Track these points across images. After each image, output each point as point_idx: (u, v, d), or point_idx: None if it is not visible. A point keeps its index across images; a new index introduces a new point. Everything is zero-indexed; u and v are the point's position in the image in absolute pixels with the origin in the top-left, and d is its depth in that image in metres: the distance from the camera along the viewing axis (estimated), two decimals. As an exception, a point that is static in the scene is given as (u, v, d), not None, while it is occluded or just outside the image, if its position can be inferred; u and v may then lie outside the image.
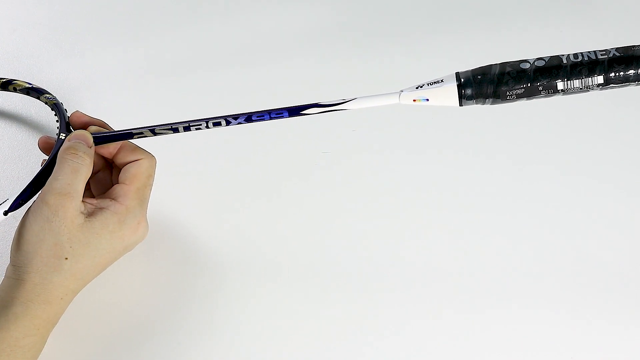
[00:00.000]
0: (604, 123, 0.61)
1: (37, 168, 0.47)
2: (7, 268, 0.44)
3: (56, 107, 0.51)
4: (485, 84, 0.41)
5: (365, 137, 0.59)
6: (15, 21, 0.69)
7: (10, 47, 0.66)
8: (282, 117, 0.45)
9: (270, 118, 0.45)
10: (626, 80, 0.40)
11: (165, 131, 0.46)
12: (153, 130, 0.46)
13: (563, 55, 0.41)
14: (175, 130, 0.46)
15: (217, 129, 0.45)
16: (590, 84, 0.40)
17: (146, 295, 0.49)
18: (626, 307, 0.49)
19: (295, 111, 0.44)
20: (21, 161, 0.57)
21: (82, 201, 0.45)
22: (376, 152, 0.58)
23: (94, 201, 0.46)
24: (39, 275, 0.42)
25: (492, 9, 0.70)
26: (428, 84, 0.43)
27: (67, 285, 0.44)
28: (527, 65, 0.41)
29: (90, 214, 0.44)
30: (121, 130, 0.47)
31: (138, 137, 0.46)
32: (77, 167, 0.44)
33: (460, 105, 0.42)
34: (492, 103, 0.42)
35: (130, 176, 0.46)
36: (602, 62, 0.40)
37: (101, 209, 0.45)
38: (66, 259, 0.43)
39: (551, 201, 0.55)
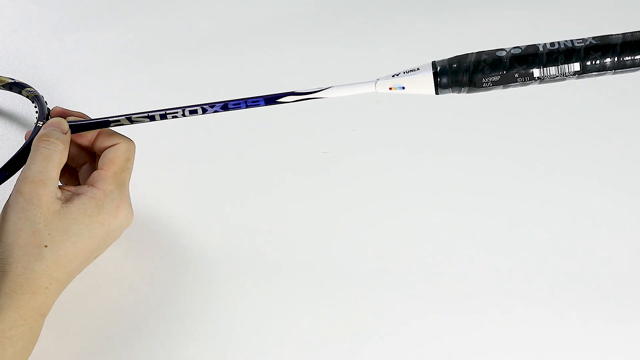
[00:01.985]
0: (605, 120, 0.60)
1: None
2: None
3: (37, 99, 0.52)
4: (461, 72, 0.41)
5: (365, 136, 0.59)
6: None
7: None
8: (258, 105, 0.44)
9: (247, 106, 0.45)
10: (603, 69, 0.40)
11: (142, 119, 0.46)
12: (130, 118, 0.46)
13: (540, 44, 0.41)
14: (152, 119, 0.46)
15: (195, 117, 0.45)
16: (567, 71, 0.40)
17: (141, 290, 0.49)
18: (626, 307, 0.48)
19: (271, 99, 0.44)
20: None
21: (60, 188, 0.44)
22: (376, 151, 0.58)
23: (71, 188, 0.45)
24: (21, 265, 0.42)
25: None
26: (404, 72, 0.43)
27: (51, 274, 0.43)
28: (504, 54, 0.41)
29: (67, 200, 0.44)
30: (98, 119, 0.47)
31: (115, 125, 0.46)
32: (50, 154, 0.44)
33: (437, 93, 0.42)
34: (469, 92, 0.41)
35: (107, 161, 0.46)
36: (578, 49, 0.40)
37: (78, 194, 0.45)
38: (46, 246, 0.43)
39: (552, 201, 0.54)
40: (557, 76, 0.40)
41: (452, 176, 0.56)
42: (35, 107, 0.51)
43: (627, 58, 0.39)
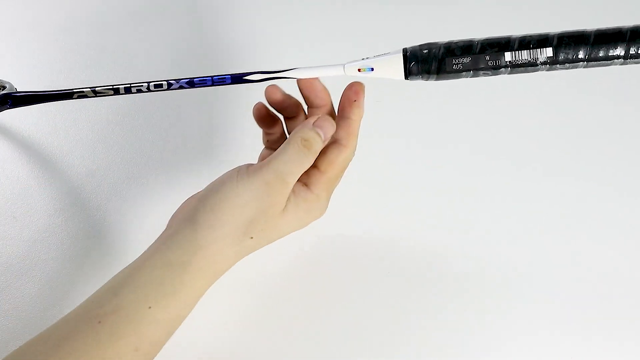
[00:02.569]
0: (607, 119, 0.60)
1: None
2: (174, 219, 0.42)
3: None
4: (431, 55, 0.40)
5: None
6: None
7: None
8: (224, 83, 0.43)
9: (213, 83, 0.43)
10: (575, 59, 0.39)
11: (106, 91, 0.44)
12: (94, 90, 0.45)
13: (513, 35, 0.40)
14: (117, 92, 0.44)
15: (160, 91, 0.44)
16: (539, 56, 0.39)
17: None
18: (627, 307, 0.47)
19: (238, 78, 0.43)
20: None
21: None
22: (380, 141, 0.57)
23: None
24: (216, 245, 0.40)
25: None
26: (374, 56, 0.42)
27: (235, 260, 0.42)
28: (476, 40, 0.40)
29: (287, 200, 0.42)
30: (63, 90, 0.45)
31: (79, 97, 0.45)
32: (303, 161, 0.42)
33: (406, 77, 0.41)
34: (438, 77, 0.40)
35: (328, 162, 0.44)
36: (552, 37, 0.39)
37: (294, 193, 0.43)
38: (251, 238, 0.41)
39: (556, 201, 0.53)
40: (529, 61, 0.39)
41: (459, 172, 0.55)
42: None
43: (600, 50, 0.38)
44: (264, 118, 0.46)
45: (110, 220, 0.52)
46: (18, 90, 0.50)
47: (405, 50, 0.41)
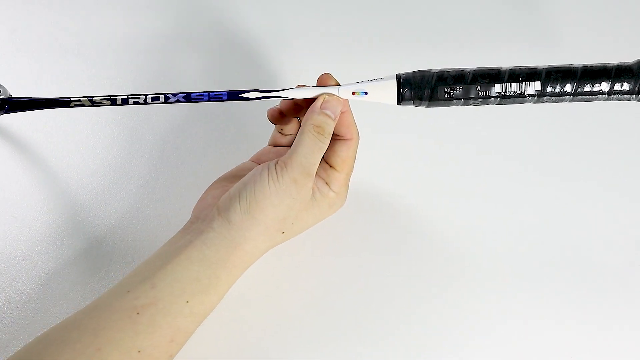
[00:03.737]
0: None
1: None
2: (203, 214, 0.44)
3: None
4: (424, 82, 0.41)
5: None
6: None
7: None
8: (221, 99, 0.44)
9: (209, 99, 0.44)
10: (562, 92, 0.40)
11: (103, 101, 0.45)
12: (91, 100, 0.45)
13: (503, 66, 0.41)
14: (114, 102, 0.45)
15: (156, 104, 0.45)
16: (527, 88, 0.40)
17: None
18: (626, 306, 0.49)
19: (234, 94, 0.44)
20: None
21: None
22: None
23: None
24: (252, 242, 0.42)
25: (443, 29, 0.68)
26: (368, 80, 0.43)
27: (264, 253, 0.44)
28: (468, 70, 0.41)
29: (312, 193, 0.44)
30: (59, 98, 0.46)
31: (76, 105, 0.46)
32: (321, 147, 0.43)
33: (399, 102, 0.42)
34: (430, 100, 0.41)
35: (341, 161, 0.45)
36: (540, 71, 0.40)
37: (318, 189, 0.45)
38: (283, 233, 0.43)
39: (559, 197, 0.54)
40: (517, 94, 0.40)
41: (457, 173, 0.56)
42: None
43: (585, 84, 0.39)
44: (277, 119, 0.48)
45: (111, 220, 0.53)
46: (13, 95, 0.50)
47: (399, 76, 0.42)
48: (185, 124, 0.58)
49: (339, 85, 0.44)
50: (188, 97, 0.44)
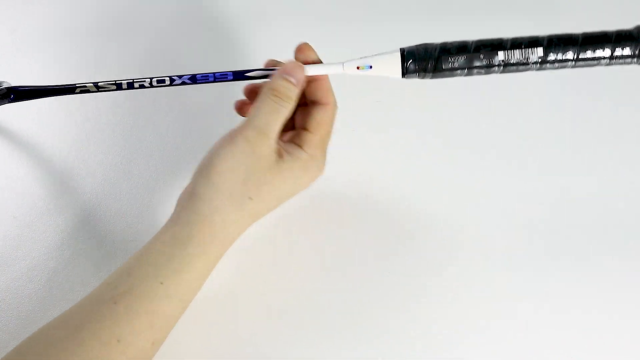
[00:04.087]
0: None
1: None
2: (179, 199, 0.43)
3: None
4: (428, 54, 0.42)
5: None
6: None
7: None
8: (226, 79, 0.45)
9: (215, 80, 0.45)
10: (564, 59, 0.41)
11: (108, 86, 0.46)
12: (97, 85, 0.46)
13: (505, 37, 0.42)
14: (119, 87, 0.46)
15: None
16: (530, 55, 0.40)
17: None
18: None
19: (239, 74, 0.45)
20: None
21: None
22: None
23: (280, 143, 0.44)
24: (218, 213, 0.41)
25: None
26: (372, 55, 0.43)
27: (242, 226, 0.42)
28: (470, 41, 0.42)
29: (279, 155, 0.43)
30: (64, 85, 0.46)
31: (81, 91, 0.46)
32: (279, 110, 0.43)
33: (404, 75, 0.42)
34: (434, 72, 0.42)
35: (316, 123, 0.45)
36: (542, 39, 0.41)
37: (288, 152, 0.44)
38: (250, 198, 0.42)
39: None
40: (521, 61, 0.40)
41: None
42: None
43: (587, 50, 0.40)
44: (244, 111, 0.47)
45: (111, 220, 0.53)
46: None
47: (402, 50, 0.43)
48: (186, 123, 0.58)
49: (319, 60, 0.45)
50: (194, 79, 0.45)
